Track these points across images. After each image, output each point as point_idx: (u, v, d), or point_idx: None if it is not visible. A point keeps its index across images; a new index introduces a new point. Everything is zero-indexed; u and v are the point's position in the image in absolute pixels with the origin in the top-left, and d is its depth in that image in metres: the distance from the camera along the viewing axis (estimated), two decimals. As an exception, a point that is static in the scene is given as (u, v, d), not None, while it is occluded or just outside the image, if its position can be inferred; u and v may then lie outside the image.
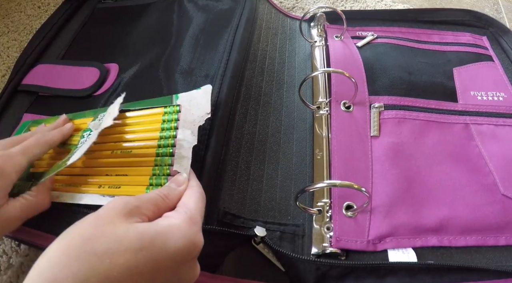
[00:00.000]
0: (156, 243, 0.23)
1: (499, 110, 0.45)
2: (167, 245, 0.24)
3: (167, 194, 0.28)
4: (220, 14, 0.52)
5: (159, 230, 0.24)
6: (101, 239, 0.22)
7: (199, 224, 0.27)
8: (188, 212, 0.27)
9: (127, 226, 0.24)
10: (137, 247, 0.23)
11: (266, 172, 0.40)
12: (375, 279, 0.32)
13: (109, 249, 0.22)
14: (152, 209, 0.26)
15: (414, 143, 0.41)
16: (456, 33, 0.55)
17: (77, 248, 0.22)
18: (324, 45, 0.53)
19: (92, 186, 0.33)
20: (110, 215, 0.24)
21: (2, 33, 0.63)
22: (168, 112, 0.36)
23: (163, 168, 0.32)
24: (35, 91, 0.47)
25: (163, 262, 0.23)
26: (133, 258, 0.22)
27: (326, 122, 0.43)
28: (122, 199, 0.26)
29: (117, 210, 0.25)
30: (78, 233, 0.23)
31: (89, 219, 0.24)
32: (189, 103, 0.36)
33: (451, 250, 0.35)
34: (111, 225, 0.23)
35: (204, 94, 0.37)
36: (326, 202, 0.37)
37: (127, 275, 0.22)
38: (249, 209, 0.37)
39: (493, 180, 0.39)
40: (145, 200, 0.27)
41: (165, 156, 0.33)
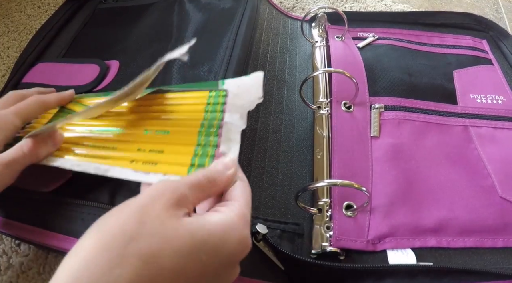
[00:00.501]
0: (208, 245, 0.21)
1: (498, 114, 0.45)
2: (220, 249, 0.21)
3: (215, 178, 0.25)
4: (222, 13, 0.52)
5: (213, 230, 0.21)
6: (148, 239, 0.20)
7: (249, 224, 0.24)
8: (240, 209, 0.24)
9: (176, 223, 0.21)
10: (188, 249, 0.20)
11: (267, 170, 0.40)
12: (374, 280, 0.32)
13: (156, 252, 0.19)
14: (200, 196, 0.24)
15: (413, 144, 0.41)
16: (456, 36, 0.56)
17: (119, 249, 0.19)
18: (325, 46, 0.53)
19: (121, 160, 0.31)
20: (156, 207, 0.21)
21: (2, 33, 0.62)
22: (213, 96, 0.35)
23: (207, 148, 0.30)
24: None
25: (213, 265, 0.21)
26: (182, 261, 0.20)
27: (327, 122, 0.43)
28: (170, 185, 0.23)
29: (164, 200, 0.22)
30: (119, 228, 0.20)
31: (131, 211, 0.21)
32: (237, 88, 0.35)
33: (450, 251, 0.35)
34: (159, 221, 0.20)
35: (254, 80, 0.36)
36: (326, 201, 0.37)
37: (173, 280, 0.20)
38: (250, 206, 0.37)
39: (491, 182, 0.39)
40: (193, 186, 0.23)
41: (210, 136, 0.31)
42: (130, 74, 0.46)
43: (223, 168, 0.26)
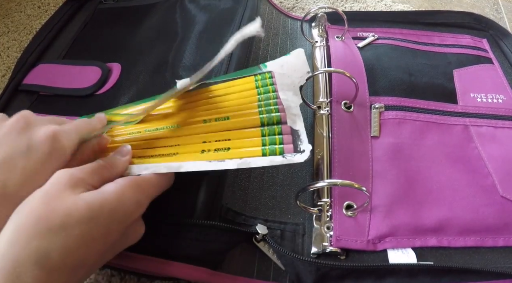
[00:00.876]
0: (104, 209, 0.25)
1: (498, 113, 0.45)
2: (115, 211, 0.26)
3: (111, 163, 0.29)
4: (222, 13, 0.52)
5: (106, 196, 0.26)
6: (53, 215, 0.24)
7: (146, 193, 0.28)
8: (138, 179, 0.28)
9: (74, 198, 0.25)
10: (88, 216, 0.24)
11: (267, 170, 0.40)
12: (375, 279, 0.32)
13: (62, 223, 0.24)
14: (97, 178, 0.27)
15: (414, 143, 0.41)
16: (456, 35, 0.56)
17: (32, 226, 0.23)
18: (325, 46, 0.53)
19: (190, 153, 0.31)
20: (57, 190, 0.25)
21: (2, 33, 0.62)
22: (259, 79, 0.35)
23: (272, 126, 0.32)
24: (36, 91, 0.47)
25: (112, 225, 0.26)
26: (86, 227, 0.24)
27: (327, 122, 0.43)
28: (66, 172, 0.26)
29: (62, 183, 0.26)
30: (30, 212, 0.24)
31: (37, 196, 0.25)
32: (281, 68, 0.36)
33: (450, 250, 0.35)
34: (60, 200, 0.25)
35: (297, 57, 0.37)
36: (326, 201, 0.37)
37: (83, 243, 0.24)
38: (250, 206, 0.37)
39: (492, 181, 0.39)
40: (89, 171, 0.27)
41: (271, 117, 0.32)
42: (132, 78, 0.46)
43: (120, 155, 0.31)
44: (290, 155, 0.30)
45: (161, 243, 0.31)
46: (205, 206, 0.33)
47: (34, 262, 0.22)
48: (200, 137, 0.32)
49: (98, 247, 0.25)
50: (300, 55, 0.38)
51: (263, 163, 0.30)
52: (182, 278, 0.32)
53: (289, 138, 0.32)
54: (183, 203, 0.33)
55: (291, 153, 0.30)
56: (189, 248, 0.32)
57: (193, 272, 0.32)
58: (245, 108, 0.33)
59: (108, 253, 0.27)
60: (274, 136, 0.31)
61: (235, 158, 0.30)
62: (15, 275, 0.22)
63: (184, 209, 0.33)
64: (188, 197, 0.33)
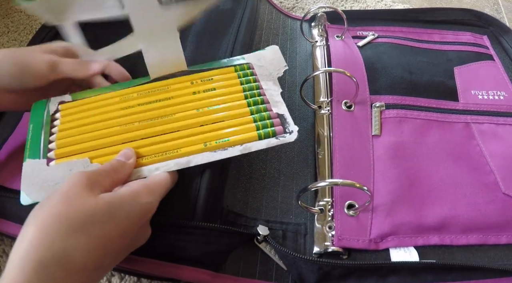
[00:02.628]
0: (122, 210, 0.26)
1: (499, 109, 0.45)
2: (131, 212, 0.27)
3: (118, 166, 0.31)
4: (222, 14, 0.52)
5: (125, 197, 0.27)
6: (76, 215, 0.24)
7: (156, 194, 0.29)
8: (147, 182, 0.30)
9: (94, 199, 0.26)
10: (108, 216, 0.25)
11: (268, 171, 0.40)
12: (378, 278, 0.32)
13: (84, 223, 0.24)
14: (108, 181, 0.29)
15: (415, 142, 0.41)
16: (456, 32, 0.56)
17: (55, 227, 0.23)
18: (325, 45, 0.53)
19: (193, 146, 0.33)
20: (77, 191, 0.26)
21: (2, 33, 0.62)
22: (240, 70, 0.38)
23: (262, 113, 0.35)
24: None
25: (128, 226, 0.26)
26: (106, 227, 0.25)
27: (328, 122, 0.43)
28: (82, 174, 0.27)
29: (81, 185, 0.26)
30: (51, 212, 0.24)
31: (57, 198, 0.25)
32: (258, 61, 0.40)
33: (453, 248, 0.35)
34: (81, 200, 0.25)
35: (272, 52, 0.41)
36: (328, 201, 0.37)
37: (103, 243, 0.25)
38: (252, 207, 0.38)
39: (494, 178, 0.39)
40: (102, 173, 0.29)
41: (258, 104, 0.36)
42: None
43: (124, 158, 0.32)
44: (282, 136, 0.34)
45: (163, 246, 0.32)
46: (206, 208, 0.33)
47: (58, 263, 0.23)
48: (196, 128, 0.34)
49: (114, 248, 0.26)
50: (275, 50, 0.41)
51: (261, 146, 0.33)
52: (184, 280, 0.32)
53: (277, 121, 0.35)
54: (184, 205, 0.33)
55: (282, 134, 0.34)
56: (191, 250, 0.32)
57: (195, 274, 0.32)
58: (234, 100, 0.36)
59: (120, 255, 0.28)
60: (265, 121, 0.34)
61: (236, 145, 0.33)
62: (37, 276, 0.22)
63: (185, 212, 0.33)
64: (189, 200, 0.33)
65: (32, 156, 0.34)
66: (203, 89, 0.37)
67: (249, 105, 0.36)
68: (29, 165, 0.34)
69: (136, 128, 0.35)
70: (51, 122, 0.37)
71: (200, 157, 0.32)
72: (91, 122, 0.36)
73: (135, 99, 0.37)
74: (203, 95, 0.37)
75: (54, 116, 0.37)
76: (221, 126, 0.34)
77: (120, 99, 0.37)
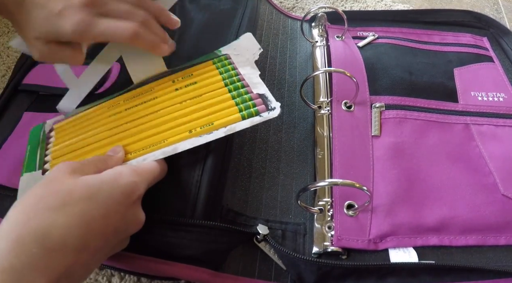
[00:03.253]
0: (102, 189, 0.26)
1: (499, 111, 0.45)
2: (113, 190, 0.27)
3: (106, 158, 0.31)
4: (222, 13, 0.52)
5: (104, 178, 0.27)
6: (53, 195, 0.25)
7: (142, 177, 0.29)
8: (134, 165, 0.30)
9: (74, 180, 0.26)
10: (87, 195, 0.25)
11: (268, 170, 0.40)
12: (376, 279, 0.32)
13: (62, 202, 0.25)
14: (93, 169, 0.29)
15: (414, 142, 0.41)
16: (456, 33, 0.56)
17: (33, 206, 0.24)
18: (325, 45, 0.53)
19: (179, 135, 0.34)
20: (57, 175, 0.27)
21: (2, 33, 0.62)
22: (218, 62, 0.40)
23: (243, 96, 0.36)
24: (35, 91, 0.47)
25: (112, 206, 0.26)
26: (85, 206, 0.25)
27: (327, 122, 0.43)
28: (65, 163, 0.28)
29: (63, 170, 0.27)
30: (31, 194, 0.25)
31: (39, 183, 0.26)
32: (234, 50, 0.41)
33: (452, 249, 0.35)
34: (60, 182, 0.26)
35: (246, 40, 0.42)
36: (328, 201, 0.37)
37: (83, 222, 0.25)
38: (251, 207, 0.38)
39: (493, 180, 0.39)
40: (86, 163, 0.29)
41: (238, 89, 0.37)
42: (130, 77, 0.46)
43: (112, 153, 0.33)
44: (265, 113, 0.34)
45: (162, 244, 0.32)
46: (206, 207, 0.33)
47: (34, 240, 0.23)
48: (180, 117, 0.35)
49: (99, 228, 0.26)
50: (249, 37, 0.43)
51: (246, 125, 0.34)
52: (184, 279, 0.32)
53: (259, 101, 0.36)
54: (184, 203, 0.33)
55: (265, 111, 0.35)
56: (190, 249, 0.32)
57: (195, 272, 0.32)
58: (214, 88, 0.37)
59: (111, 238, 0.27)
60: (247, 102, 0.35)
61: (220, 128, 0.34)
62: (14, 254, 0.22)
63: (185, 210, 0.33)
64: (189, 198, 0.33)
65: (28, 170, 0.36)
66: (184, 85, 0.38)
67: (230, 91, 0.36)
68: (25, 178, 0.36)
69: (124, 129, 0.36)
70: (47, 140, 0.39)
71: (186, 143, 0.33)
72: (82, 133, 0.37)
73: (122, 106, 0.38)
74: (185, 90, 0.37)
75: (49, 134, 0.39)
76: (204, 113, 0.35)
77: (108, 108, 0.39)
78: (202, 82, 0.38)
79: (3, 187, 0.38)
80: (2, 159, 0.40)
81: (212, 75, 0.38)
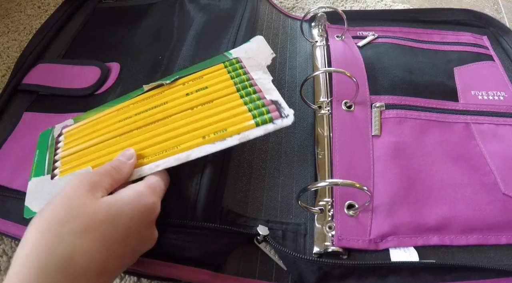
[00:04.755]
0: (124, 212, 0.26)
1: (499, 110, 0.45)
2: (134, 213, 0.27)
3: (119, 165, 0.31)
4: (222, 13, 0.52)
5: (125, 200, 0.27)
6: (77, 219, 0.24)
7: (158, 194, 0.30)
8: (149, 182, 0.30)
9: (95, 202, 0.26)
10: (109, 219, 0.25)
11: (268, 171, 0.40)
12: (377, 278, 0.32)
13: (85, 227, 0.24)
14: (109, 181, 0.29)
15: (415, 142, 0.41)
16: (456, 32, 0.56)
17: (56, 231, 0.24)
18: (325, 45, 0.53)
19: (192, 141, 0.33)
20: (79, 194, 0.26)
21: (2, 33, 0.63)
22: (228, 65, 0.39)
23: (256, 103, 0.35)
24: (35, 91, 0.47)
25: (132, 228, 0.26)
26: (107, 230, 0.25)
27: (328, 122, 0.43)
28: (83, 176, 0.28)
29: (82, 187, 0.27)
30: (53, 216, 0.25)
31: (60, 201, 0.26)
32: (245, 53, 0.40)
33: (453, 249, 0.35)
34: (82, 204, 0.25)
35: (258, 43, 0.42)
36: (328, 201, 0.37)
37: (105, 246, 0.24)
38: (251, 207, 0.38)
39: (494, 179, 0.39)
40: (102, 174, 0.29)
41: (250, 95, 0.36)
42: (130, 77, 0.46)
43: (124, 158, 0.32)
44: (279, 120, 0.34)
45: (163, 245, 0.32)
46: (206, 209, 0.33)
47: (58, 267, 0.22)
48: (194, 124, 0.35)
49: (118, 250, 0.26)
50: (260, 40, 0.42)
51: (259, 132, 0.33)
52: (184, 280, 0.32)
53: (273, 107, 0.35)
54: (185, 205, 0.33)
55: (279, 118, 0.34)
56: (191, 250, 0.32)
57: (195, 274, 0.32)
58: (226, 94, 0.36)
59: (127, 259, 0.27)
60: (260, 109, 0.34)
61: (234, 135, 0.33)
62: (39, 281, 0.22)
63: (186, 211, 0.33)
64: (189, 200, 0.33)
65: (37, 175, 0.36)
66: (195, 89, 0.37)
67: (242, 97, 0.36)
68: (33, 183, 0.35)
69: (136, 135, 0.36)
70: (56, 145, 0.39)
71: (199, 150, 0.33)
72: (92, 138, 0.37)
73: (132, 110, 0.38)
74: (196, 95, 0.37)
75: (58, 139, 0.39)
76: (217, 119, 0.34)
77: (118, 112, 0.39)
78: (213, 87, 0.37)
79: (4, 188, 0.38)
80: (2, 159, 0.40)
81: (223, 80, 0.38)
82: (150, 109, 0.37)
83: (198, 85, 0.38)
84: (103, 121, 0.38)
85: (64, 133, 0.40)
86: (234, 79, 0.37)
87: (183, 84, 0.38)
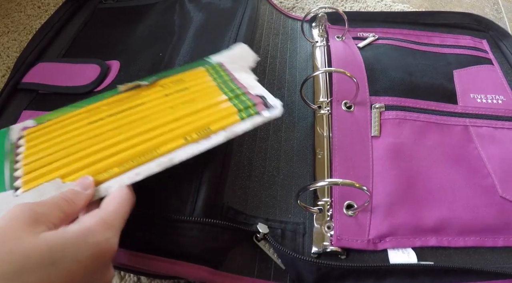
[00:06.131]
0: (67, 253, 0.22)
1: (498, 113, 0.45)
2: (79, 254, 0.22)
3: (72, 198, 0.26)
4: (223, 12, 0.52)
5: (69, 237, 0.22)
6: (9, 258, 0.20)
7: (115, 228, 0.25)
8: (103, 215, 0.25)
9: (34, 238, 0.21)
10: (48, 261, 0.21)
11: (267, 169, 0.40)
12: (376, 279, 0.32)
13: (19, 268, 0.20)
14: (59, 215, 0.24)
15: (414, 143, 0.41)
16: (456, 36, 0.56)
17: None
18: (325, 46, 0.53)
19: (174, 142, 0.31)
20: (15, 228, 0.22)
21: (2, 33, 0.62)
22: (210, 69, 0.38)
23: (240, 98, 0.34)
24: (35, 89, 0.47)
25: (76, 272, 0.22)
26: (45, 274, 0.21)
27: (327, 122, 0.43)
28: (25, 206, 0.23)
29: (22, 220, 0.22)
30: None
31: None
32: (227, 58, 0.39)
33: (450, 250, 0.35)
34: (18, 240, 0.21)
35: (240, 48, 0.41)
36: (327, 200, 0.37)
37: None
38: (251, 205, 0.38)
39: (491, 182, 0.39)
40: (51, 206, 0.24)
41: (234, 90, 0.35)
42: (130, 75, 0.46)
43: (81, 188, 0.27)
44: (266, 112, 0.33)
45: (162, 242, 0.31)
46: (206, 205, 0.33)
47: None
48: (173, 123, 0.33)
49: None
50: (243, 46, 0.41)
51: (246, 126, 0.32)
52: (183, 277, 0.32)
53: (258, 100, 0.34)
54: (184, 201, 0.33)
55: (265, 110, 0.33)
56: (190, 247, 0.31)
57: (194, 270, 0.32)
58: (208, 92, 0.35)
59: None
60: (245, 102, 0.33)
61: (219, 131, 0.31)
62: None
63: (185, 208, 0.33)
64: (189, 196, 0.33)
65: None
66: (174, 91, 0.36)
67: (225, 93, 0.34)
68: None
69: (108, 137, 0.32)
70: (15, 150, 0.33)
71: (183, 152, 0.30)
72: (58, 142, 0.32)
73: (105, 112, 0.35)
74: (176, 96, 0.35)
75: (17, 144, 0.33)
76: (199, 117, 0.32)
77: (88, 114, 0.35)
78: (194, 88, 0.36)
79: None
80: None
81: (205, 81, 0.36)
82: (125, 111, 0.34)
83: (178, 86, 0.36)
84: (72, 123, 0.34)
85: (25, 136, 0.34)
86: (217, 80, 0.36)
87: (161, 86, 0.36)
